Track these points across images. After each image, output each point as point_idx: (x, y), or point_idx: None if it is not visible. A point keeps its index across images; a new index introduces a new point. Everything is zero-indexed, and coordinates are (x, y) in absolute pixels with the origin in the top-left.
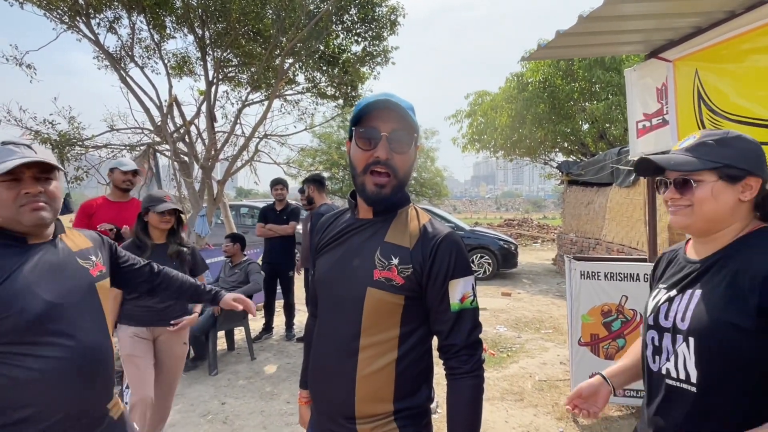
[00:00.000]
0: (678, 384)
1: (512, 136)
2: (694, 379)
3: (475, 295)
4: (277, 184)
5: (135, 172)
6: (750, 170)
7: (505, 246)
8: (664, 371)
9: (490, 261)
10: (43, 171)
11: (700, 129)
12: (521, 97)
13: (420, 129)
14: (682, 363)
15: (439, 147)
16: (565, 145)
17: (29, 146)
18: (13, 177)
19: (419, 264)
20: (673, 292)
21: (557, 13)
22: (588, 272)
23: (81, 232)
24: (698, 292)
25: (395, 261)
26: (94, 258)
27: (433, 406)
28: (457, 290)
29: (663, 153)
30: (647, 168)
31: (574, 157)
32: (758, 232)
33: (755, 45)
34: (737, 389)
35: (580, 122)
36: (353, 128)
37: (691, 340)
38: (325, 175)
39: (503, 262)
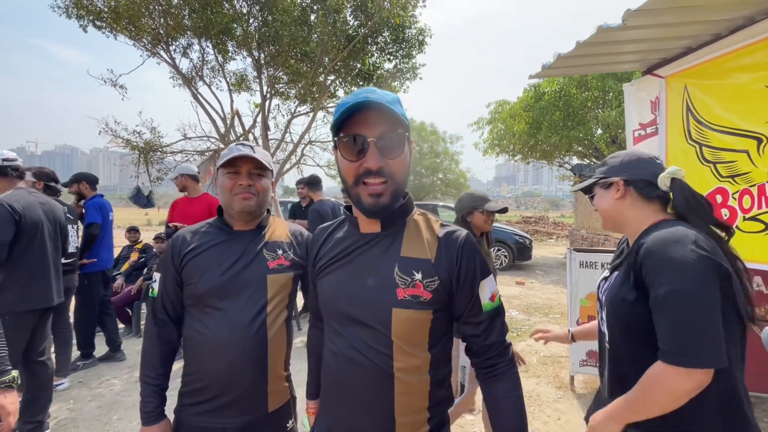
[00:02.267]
0: (606, 344)
1: (529, 141)
2: (607, 342)
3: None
4: (299, 184)
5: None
6: (614, 175)
7: (521, 240)
8: (603, 334)
9: (506, 254)
10: (257, 167)
11: (687, 138)
12: (538, 105)
13: (439, 131)
14: (605, 328)
15: (463, 151)
16: (579, 149)
17: (252, 147)
18: (234, 169)
19: (446, 273)
20: (607, 273)
21: (577, 24)
22: (586, 262)
23: (290, 226)
24: (615, 272)
25: (418, 276)
26: (280, 251)
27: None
28: (486, 290)
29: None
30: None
31: (588, 160)
32: (658, 223)
33: (736, 64)
34: (630, 354)
35: (593, 128)
36: (336, 137)
37: (605, 311)
38: None
39: (518, 255)
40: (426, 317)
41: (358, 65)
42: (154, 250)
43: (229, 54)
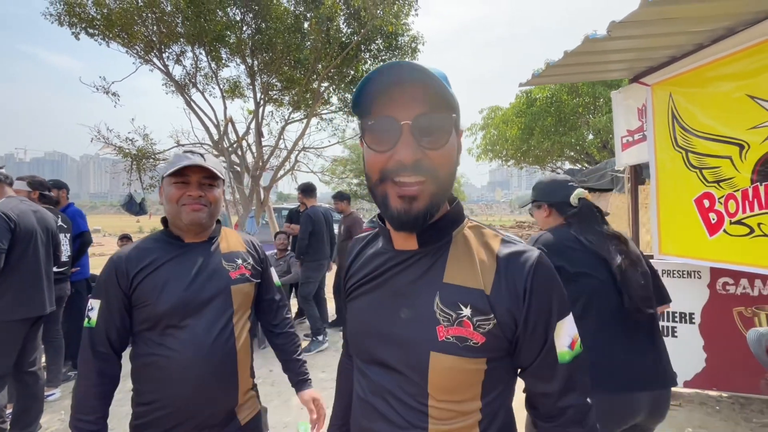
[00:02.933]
0: None
1: (522, 146)
2: None
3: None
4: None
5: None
6: (542, 200)
7: None
8: None
9: None
10: (208, 177)
11: (673, 144)
12: (530, 111)
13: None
14: None
15: None
16: (571, 154)
17: (202, 155)
18: (182, 179)
19: (506, 311)
20: None
21: (568, 30)
22: None
23: (240, 235)
24: None
25: (467, 312)
26: (239, 261)
27: None
28: (564, 334)
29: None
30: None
31: (580, 165)
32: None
33: (718, 73)
34: None
35: (585, 133)
36: (360, 121)
37: None
38: (355, 181)
39: None
40: (477, 367)
41: (352, 72)
42: None
43: (223, 61)
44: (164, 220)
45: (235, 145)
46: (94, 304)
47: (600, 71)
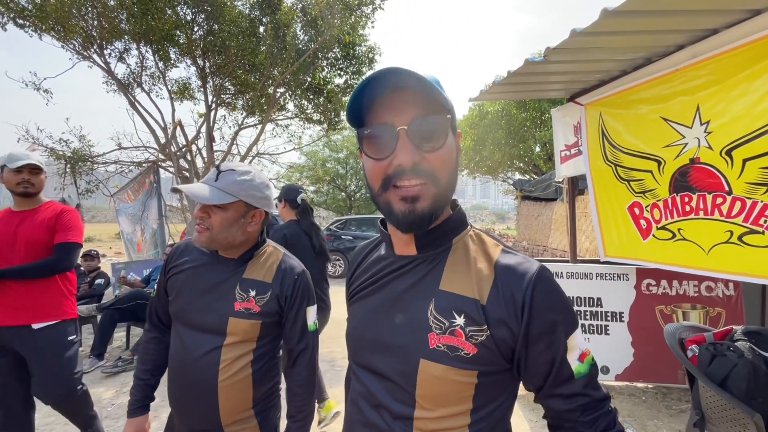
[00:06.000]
0: None
1: (475, 157)
2: None
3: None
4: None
5: (34, 169)
6: (279, 198)
7: None
8: None
9: None
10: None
11: (604, 158)
12: (482, 123)
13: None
14: None
15: None
16: (520, 165)
17: (215, 177)
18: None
19: (502, 324)
20: None
21: (527, 40)
22: None
23: (283, 263)
24: None
25: (460, 321)
26: (252, 293)
27: None
28: (575, 348)
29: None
30: None
31: (528, 176)
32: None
33: (638, 97)
34: None
35: (532, 146)
36: (357, 131)
37: None
38: (311, 188)
39: None
40: (467, 380)
41: (308, 79)
42: (82, 268)
43: (172, 61)
44: None
45: (184, 150)
46: (158, 278)
47: (540, 90)
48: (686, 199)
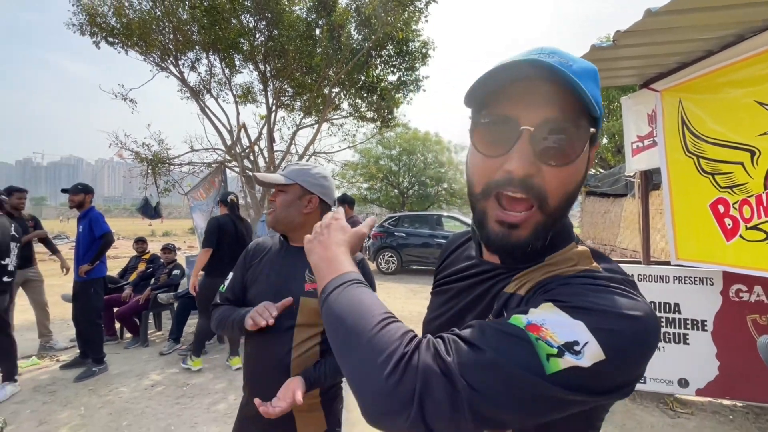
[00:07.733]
0: None
1: None
2: None
3: None
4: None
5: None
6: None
7: None
8: None
9: None
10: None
11: (684, 150)
12: None
13: (444, 140)
14: None
15: None
16: None
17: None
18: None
19: None
20: None
21: (581, 39)
22: None
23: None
24: None
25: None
26: None
27: None
28: (539, 316)
29: (652, 170)
30: None
31: (594, 170)
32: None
33: (727, 79)
34: None
35: (600, 138)
36: (472, 116)
37: None
38: (364, 186)
39: None
40: None
41: (363, 77)
42: (161, 260)
43: (236, 67)
44: None
45: (247, 150)
46: (229, 276)
47: (609, 77)
48: None
